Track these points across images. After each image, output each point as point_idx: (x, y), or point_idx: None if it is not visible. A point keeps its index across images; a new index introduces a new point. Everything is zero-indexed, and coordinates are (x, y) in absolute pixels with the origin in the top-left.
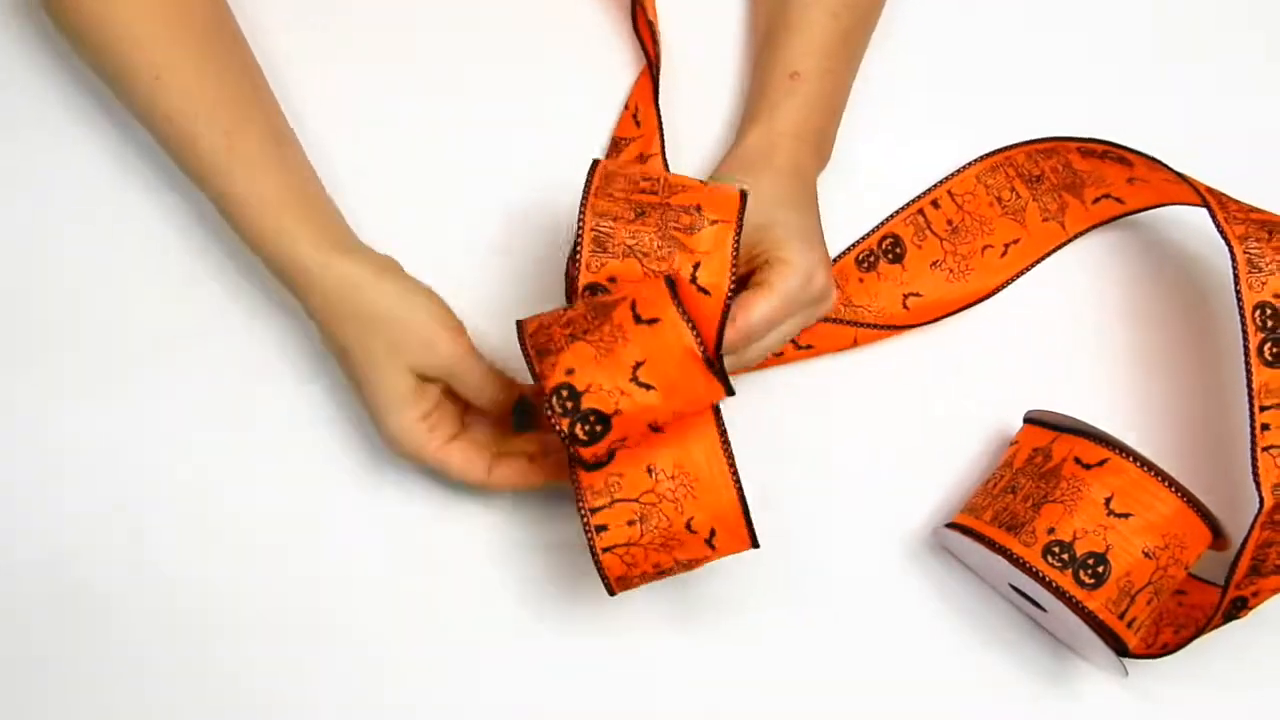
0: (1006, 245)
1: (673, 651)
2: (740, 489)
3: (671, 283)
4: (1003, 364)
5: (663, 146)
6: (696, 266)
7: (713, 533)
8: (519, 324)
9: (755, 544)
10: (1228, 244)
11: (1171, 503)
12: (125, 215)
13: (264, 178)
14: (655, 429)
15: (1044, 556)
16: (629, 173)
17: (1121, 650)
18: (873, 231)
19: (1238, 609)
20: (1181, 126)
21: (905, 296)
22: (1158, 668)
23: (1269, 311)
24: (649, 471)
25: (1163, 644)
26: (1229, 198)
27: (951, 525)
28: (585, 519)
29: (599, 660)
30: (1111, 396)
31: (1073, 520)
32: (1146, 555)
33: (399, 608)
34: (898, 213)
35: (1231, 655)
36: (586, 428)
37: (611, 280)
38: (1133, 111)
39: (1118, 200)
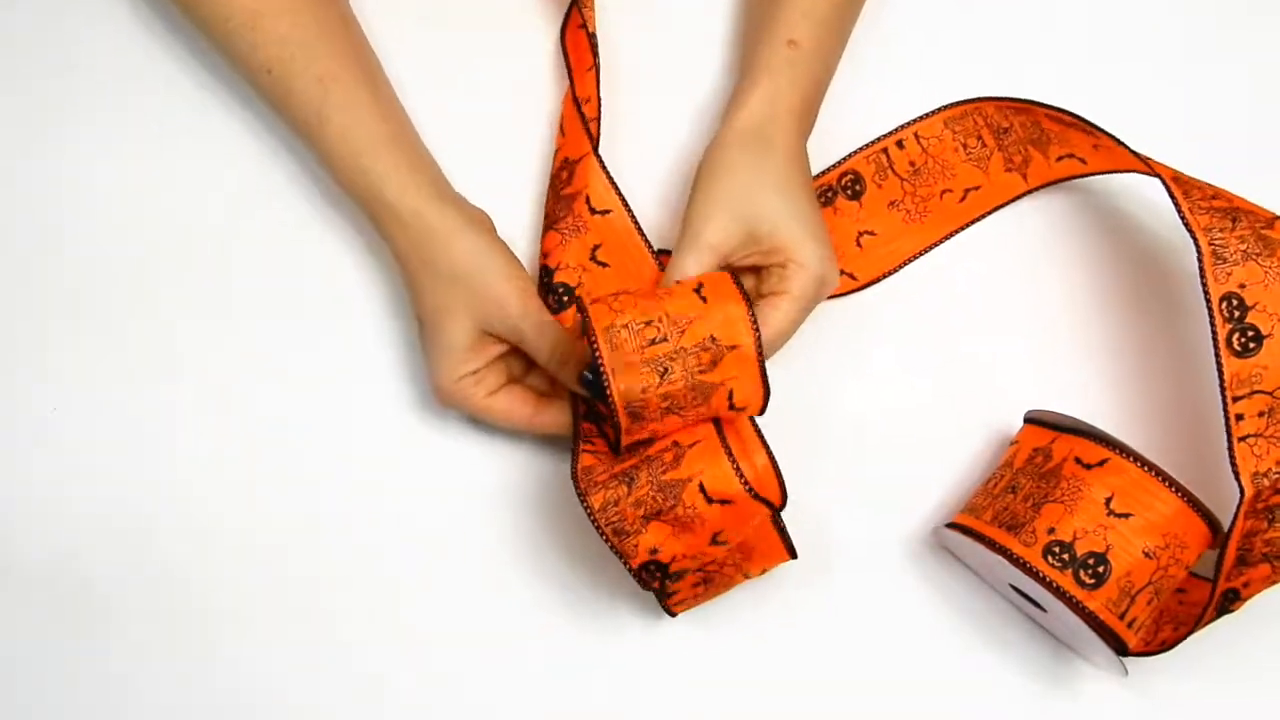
0: (966, 191)
1: (672, 651)
2: (785, 532)
3: (734, 460)
4: (1002, 364)
5: (594, 146)
6: (730, 395)
7: (763, 570)
8: (577, 489)
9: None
10: (1192, 235)
11: (1172, 503)
12: (127, 215)
13: (356, 125)
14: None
15: (1044, 556)
16: (628, 320)
17: (1122, 650)
18: (833, 167)
19: (1230, 601)
20: (1181, 120)
21: (860, 234)
22: (1157, 666)
23: (1235, 302)
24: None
25: (1161, 641)
26: (1193, 184)
27: (951, 525)
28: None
29: (597, 660)
30: (1111, 394)
31: (1073, 520)
32: (1147, 555)
33: (402, 610)
34: (860, 150)
35: (1230, 652)
36: (673, 581)
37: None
38: (1130, 98)
39: (1081, 160)
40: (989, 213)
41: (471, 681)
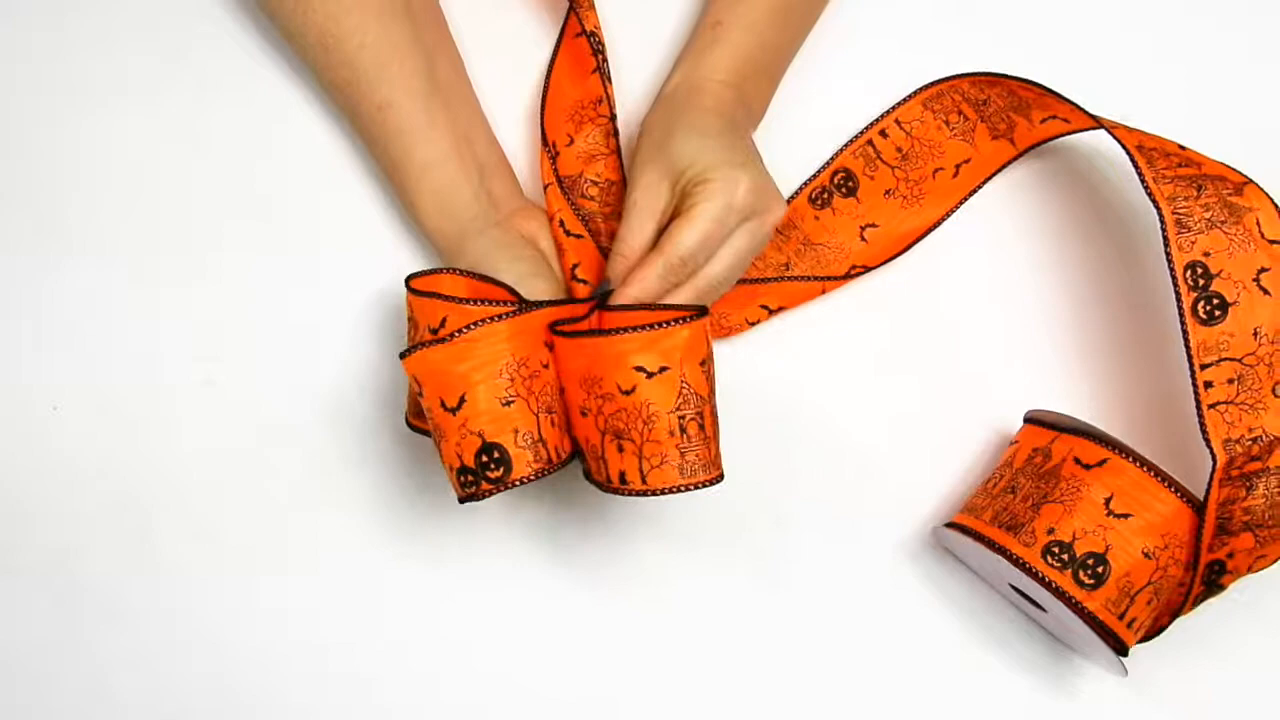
0: (958, 166)
1: (672, 651)
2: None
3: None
4: (1003, 364)
5: (557, 176)
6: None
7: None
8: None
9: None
10: (1155, 206)
11: (1171, 503)
12: (125, 216)
13: (405, 155)
14: (544, 366)
15: (1044, 557)
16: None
17: (1121, 650)
18: (823, 168)
19: (1217, 575)
20: (1181, 118)
21: (862, 229)
22: (1157, 666)
23: (1200, 270)
24: (583, 409)
25: (1159, 627)
26: (1161, 150)
27: (951, 525)
28: (610, 485)
29: (595, 659)
30: (1113, 395)
31: (1072, 520)
32: (1146, 555)
33: (401, 608)
34: (846, 146)
35: (1230, 653)
36: (493, 470)
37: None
38: (1129, 96)
39: (1064, 120)
40: (985, 181)
41: (471, 680)
